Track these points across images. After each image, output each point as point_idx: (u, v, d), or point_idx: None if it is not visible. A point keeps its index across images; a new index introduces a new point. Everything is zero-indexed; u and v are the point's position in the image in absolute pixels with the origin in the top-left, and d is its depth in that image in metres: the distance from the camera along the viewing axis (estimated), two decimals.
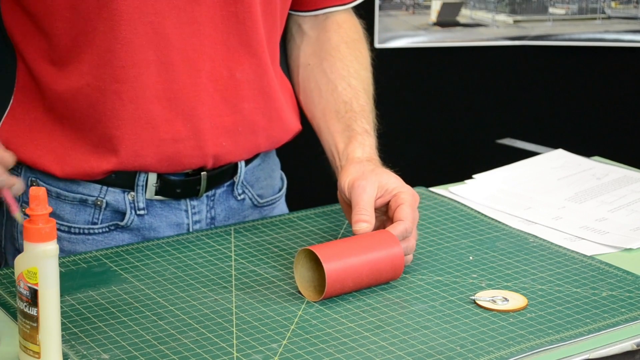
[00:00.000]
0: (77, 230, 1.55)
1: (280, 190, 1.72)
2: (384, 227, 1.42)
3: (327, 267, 1.32)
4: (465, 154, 2.98)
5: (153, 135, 1.49)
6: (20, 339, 1.17)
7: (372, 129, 1.59)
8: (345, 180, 1.47)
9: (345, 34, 1.67)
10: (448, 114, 3.01)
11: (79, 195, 1.54)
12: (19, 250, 1.58)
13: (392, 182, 1.45)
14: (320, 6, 1.67)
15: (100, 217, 1.55)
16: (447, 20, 2.99)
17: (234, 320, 1.29)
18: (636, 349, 1.25)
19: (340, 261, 1.33)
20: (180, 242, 1.51)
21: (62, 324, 1.22)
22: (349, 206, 1.47)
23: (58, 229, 1.52)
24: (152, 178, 1.53)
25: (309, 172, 1.59)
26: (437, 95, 3.01)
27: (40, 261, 1.14)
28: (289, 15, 1.67)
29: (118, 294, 1.35)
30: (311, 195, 1.57)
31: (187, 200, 1.57)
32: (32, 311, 1.15)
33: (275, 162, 1.71)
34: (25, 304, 1.15)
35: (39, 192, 1.14)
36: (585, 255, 1.49)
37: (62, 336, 1.21)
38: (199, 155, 1.52)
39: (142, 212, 1.55)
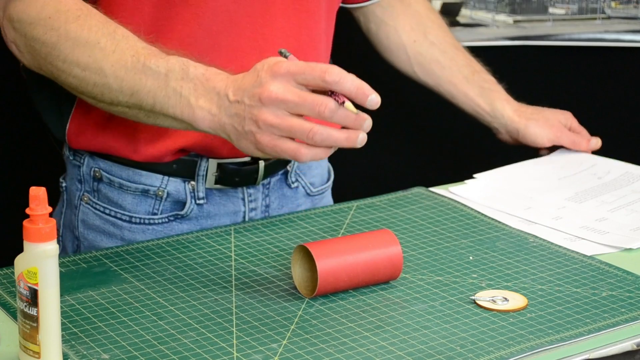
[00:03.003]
0: (137, 220, 1.59)
1: (328, 180, 1.77)
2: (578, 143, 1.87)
3: (318, 260, 1.31)
4: (465, 154, 2.97)
5: None
6: (20, 339, 1.17)
7: (493, 78, 1.93)
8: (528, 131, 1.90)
9: (419, 2, 1.93)
10: (448, 114, 3.00)
11: (141, 186, 1.58)
12: (77, 238, 1.63)
13: (553, 119, 1.90)
14: None
15: (161, 208, 1.59)
16: (447, 20, 2.99)
17: (234, 320, 1.29)
18: (636, 349, 1.25)
19: (334, 255, 1.33)
20: (180, 242, 1.51)
21: (62, 324, 1.22)
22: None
23: (119, 219, 1.59)
24: (212, 167, 1.57)
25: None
26: (437, 95, 3.01)
27: (40, 261, 1.13)
28: (359, 10, 1.88)
29: (118, 294, 1.35)
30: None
31: (244, 189, 1.61)
32: (32, 311, 1.15)
33: None
34: (25, 304, 1.15)
35: (39, 192, 1.13)
36: (585, 255, 1.49)
37: (62, 336, 1.21)
38: None
39: (201, 201, 1.59)
